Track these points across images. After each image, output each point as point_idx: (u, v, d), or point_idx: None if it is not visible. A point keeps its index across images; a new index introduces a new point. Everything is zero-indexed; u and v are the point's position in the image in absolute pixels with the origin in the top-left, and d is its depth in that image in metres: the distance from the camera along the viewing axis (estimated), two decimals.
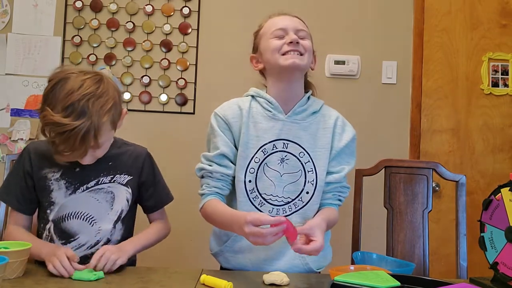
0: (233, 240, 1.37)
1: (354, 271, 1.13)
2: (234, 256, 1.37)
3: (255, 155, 1.35)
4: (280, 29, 1.36)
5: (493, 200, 1.19)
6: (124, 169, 1.39)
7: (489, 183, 2.35)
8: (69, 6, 2.39)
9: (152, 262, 1.50)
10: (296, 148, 1.36)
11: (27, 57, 2.38)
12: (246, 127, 1.36)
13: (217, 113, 1.40)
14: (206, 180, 1.37)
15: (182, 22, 2.39)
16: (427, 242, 1.64)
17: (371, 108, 2.40)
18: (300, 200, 1.36)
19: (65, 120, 1.16)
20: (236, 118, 1.37)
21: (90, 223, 1.34)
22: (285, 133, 1.36)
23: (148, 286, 1.11)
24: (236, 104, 1.41)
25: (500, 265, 1.15)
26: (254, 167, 1.35)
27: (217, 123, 1.39)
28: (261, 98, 1.40)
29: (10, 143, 2.35)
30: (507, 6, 2.41)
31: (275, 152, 1.35)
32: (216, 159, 1.35)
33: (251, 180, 1.34)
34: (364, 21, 2.41)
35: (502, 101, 2.39)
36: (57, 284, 1.10)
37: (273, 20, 1.41)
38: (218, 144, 1.36)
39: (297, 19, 1.41)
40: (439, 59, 2.40)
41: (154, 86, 2.39)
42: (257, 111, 1.39)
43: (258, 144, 1.35)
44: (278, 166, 1.35)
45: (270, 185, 1.35)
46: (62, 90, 1.19)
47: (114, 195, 1.37)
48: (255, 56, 1.44)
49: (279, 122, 1.37)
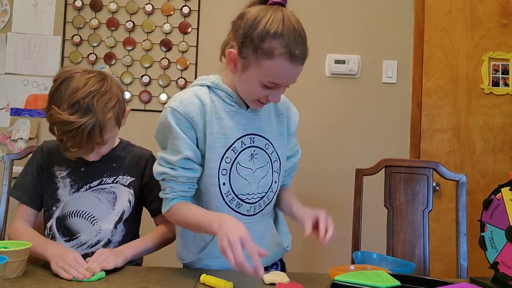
0: (213, 246, 1.26)
1: (354, 270, 1.13)
2: (215, 260, 1.28)
3: (225, 154, 1.24)
4: (275, 84, 1.18)
5: (493, 199, 1.19)
6: (127, 170, 1.40)
7: (490, 182, 2.35)
8: (69, 5, 2.38)
9: (152, 262, 1.50)
10: (262, 140, 1.30)
11: (27, 57, 2.37)
12: (211, 126, 1.22)
13: (176, 108, 1.21)
14: (169, 183, 1.24)
15: (182, 22, 2.39)
16: (428, 241, 1.64)
17: (371, 107, 2.39)
18: (271, 191, 1.33)
19: (71, 117, 1.19)
20: (200, 115, 1.22)
21: (91, 222, 1.35)
22: (250, 128, 1.28)
23: (148, 286, 1.11)
24: (196, 97, 1.23)
25: (500, 264, 1.15)
26: (226, 168, 1.25)
27: (176, 121, 1.21)
28: (220, 90, 1.26)
29: (10, 143, 2.35)
30: (508, 6, 2.41)
31: (244, 149, 1.27)
32: (180, 163, 1.22)
33: (225, 182, 1.25)
34: (365, 20, 2.41)
35: (503, 101, 2.39)
36: (57, 284, 1.10)
37: (279, 65, 1.15)
38: (180, 147, 1.21)
39: (301, 69, 1.19)
40: (440, 58, 2.40)
41: (154, 86, 2.39)
42: (219, 106, 1.25)
43: (227, 143, 1.24)
44: (250, 163, 1.27)
45: (245, 185, 1.27)
46: (68, 88, 1.23)
47: (116, 195, 1.38)
48: (236, 60, 1.20)
49: (243, 117, 1.27)
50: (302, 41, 1.16)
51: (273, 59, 1.13)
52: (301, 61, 1.17)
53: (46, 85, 2.36)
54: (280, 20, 1.14)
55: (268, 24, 1.13)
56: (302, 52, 1.15)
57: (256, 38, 1.14)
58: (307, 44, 1.18)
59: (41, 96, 2.37)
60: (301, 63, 1.17)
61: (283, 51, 1.13)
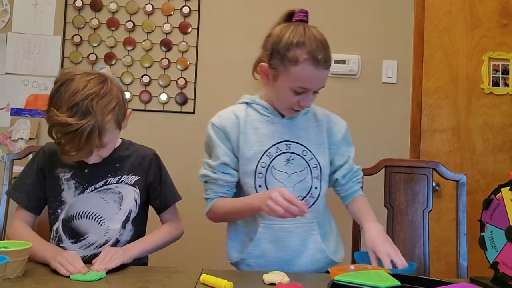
0: (254, 245, 1.37)
1: (354, 270, 1.13)
2: (256, 261, 1.38)
3: (261, 159, 1.37)
4: (303, 88, 1.30)
5: (493, 199, 1.19)
6: (131, 169, 1.41)
7: (490, 182, 2.35)
8: (69, 5, 2.38)
9: (152, 262, 1.50)
10: (298, 147, 1.40)
11: (27, 57, 2.37)
12: (245, 135, 1.38)
13: (214, 123, 1.41)
14: (211, 186, 1.40)
15: (182, 22, 2.39)
16: (427, 241, 1.64)
17: (371, 107, 2.39)
18: (311, 196, 1.40)
19: (70, 120, 1.18)
20: (234, 128, 1.39)
21: (98, 223, 1.35)
22: (286, 135, 1.40)
23: (148, 286, 1.11)
24: (232, 113, 1.42)
25: (500, 264, 1.15)
26: (261, 172, 1.37)
27: (215, 133, 1.40)
28: (256, 104, 1.42)
29: (10, 143, 2.35)
30: (508, 6, 2.41)
31: (280, 154, 1.38)
32: (220, 168, 1.38)
33: (261, 184, 1.37)
34: (365, 20, 2.41)
35: (503, 101, 2.39)
36: (57, 284, 1.10)
37: (304, 70, 1.27)
38: (218, 154, 1.38)
39: (327, 74, 1.32)
40: (440, 58, 2.40)
41: (154, 86, 2.39)
42: (254, 118, 1.41)
43: (262, 149, 1.37)
44: (285, 167, 1.38)
45: (280, 187, 1.34)
46: (67, 90, 1.22)
47: (122, 195, 1.38)
48: (267, 72, 1.35)
49: (278, 125, 1.40)
50: (323, 47, 1.29)
51: (298, 65, 1.28)
52: (325, 66, 1.29)
53: (46, 85, 2.37)
54: (301, 32, 1.30)
55: (291, 36, 1.29)
56: (324, 56, 1.28)
57: (282, 49, 1.29)
58: (329, 51, 1.31)
59: (41, 96, 2.37)
60: (325, 68, 1.30)
61: (306, 56, 1.27)
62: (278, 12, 1.35)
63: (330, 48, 1.32)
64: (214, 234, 2.38)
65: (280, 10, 1.37)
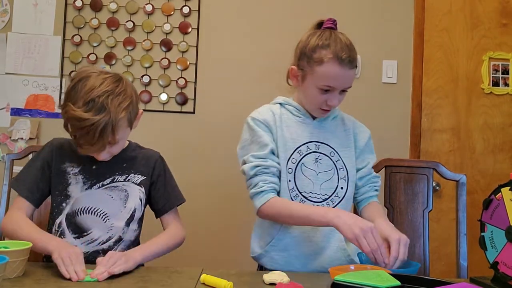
0: (278, 239, 1.41)
1: (354, 270, 1.13)
2: (279, 254, 1.41)
3: (292, 155, 1.42)
4: (329, 86, 1.37)
5: (493, 199, 1.19)
6: (137, 169, 1.43)
7: (490, 182, 2.35)
8: (69, 5, 2.38)
9: (152, 262, 1.50)
10: (327, 148, 1.46)
11: (27, 57, 2.37)
12: (281, 130, 1.43)
13: (255, 117, 1.45)
14: (262, 177, 1.38)
15: (182, 21, 2.39)
16: (428, 241, 1.64)
17: (371, 107, 2.39)
18: (336, 196, 1.44)
19: (85, 115, 1.22)
20: (273, 122, 1.44)
21: (103, 219, 1.36)
22: (315, 136, 1.46)
23: (148, 286, 1.11)
24: (269, 109, 1.48)
25: (500, 264, 1.15)
26: (291, 167, 1.41)
27: (257, 125, 1.43)
28: (290, 105, 1.49)
29: (10, 143, 2.35)
30: (508, 6, 2.41)
31: (309, 153, 1.43)
32: (270, 155, 1.40)
33: (291, 179, 1.40)
34: (364, 20, 2.41)
35: (503, 101, 2.39)
36: (57, 284, 1.10)
37: (329, 69, 1.35)
38: (266, 141, 1.40)
39: (352, 73, 1.39)
40: (440, 58, 2.40)
41: (154, 86, 2.39)
42: (287, 117, 1.47)
43: (294, 146, 1.42)
44: (313, 166, 1.43)
45: (308, 183, 1.41)
46: (84, 87, 1.26)
47: (128, 193, 1.40)
48: (297, 73, 1.43)
49: (309, 126, 1.46)
50: (348, 48, 1.37)
51: (323, 64, 1.36)
52: (350, 65, 1.36)
53: (46, 85, 2.37)
54: (327, 35, 1.39)
55: (317, 40, 1.38)
56: (349, 56, 1.35)
57: (309, 51, 1.38)
58: (355, 53, 1.39)
59: (41, 96, 2.37)
60: (350, 67, 1.36)
61: (331, 56, 1.35)
62: (278, 12, 1.35)
63: (356, 52, 1.40)
64: (214, 235, 2.39)
65: (280, 10, 1.37)
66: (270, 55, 2.38)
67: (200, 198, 2.29)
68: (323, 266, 1.39)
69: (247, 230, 1.69)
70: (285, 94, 1.52)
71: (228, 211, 2.34)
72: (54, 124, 2.34)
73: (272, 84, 2.38)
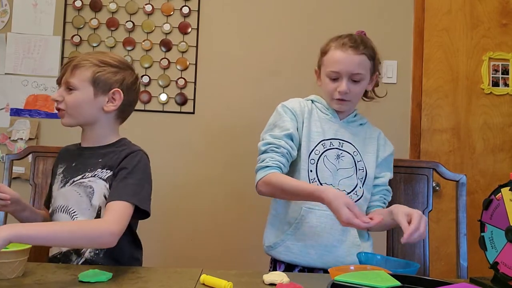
0: (295, 228, 1.43)
1: (354, 270, 1.13)
2: (295, 243, 1.43)
3: (316, 147, 1.47)
4: (334, 72, 1.44)
5: (493, 199, 1.19)
6: (107, 164, 1.33)
7: (490, 182, 2.34)
8: (68, 5, 2.38)
9: (153, 262, 1.50)
10: (351, 147, 1.49)
11: (27, 57, 2.37)
12: (308, 122, 1.49)
13: (285, 104, 1.52)
14: (270, 154, 1.43)
15: (182, 22, 2.39)
16: (428, 241, 1.64)
17: (371, 107, 2.39)
18: (355, 194, 1.46)
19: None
20: (300, 112, 1.50)
21: (72, 218, 1.32)
22: (341, 134, 1.50)
23: (148, 286, 1.11)
24: (300, 102, 1.54)
25: (500, 265, 1.15)
26: (314, 158, 1.45)
27: (285, 112, 1.50)
28: (320, 104, 1.55)
29: (9, 143, 2.35)
30: (508, 6, 2.41)
31: (332, 148, 1.48)
32: (285, 138, 1.44)
33: (312, 170, 1.44)
34: (364, 20, 2.41)
35: (503, 101, 2.39)
36: (57, 284, 1.09)
37: (333, 54, 1.46)
38: (288, 125, 1.46)
39: (356, 59, 1.43)
40: (440, 58, 2.40)
41: (153, 86, 2.39)
42: (317, 113, 1.53)
43: (319, 138, 1.48)
44: (335, 161, 1.47)
45: (329, 175, 1.45)
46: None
47: (93, 189, 1.32)
48: (317, 72, 1.55)
49: (336, 124, 1.52)
50: (355, 38, 1.45)
51: (328, 52, 1.47)
52: (352, 50, 1.42)
53: (46, 85, 2.37)
54: (345, 35, 1.48)
55: (333, 38, 1.49)
56: (351, 41, 1.43)
57: (323, 48, 1.51)
58: (361, 43, 1.44)
59: (41, 96, 2.37)
60: (354, 52, 1.42)
61: (335, 44, 1.46)
62: (278, 13, 1.35)
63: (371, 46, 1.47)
64: (214, 235, 2.39)
65: (280, 10, 1.38)
66: (270, 56, 2.39)
67: (200, 198, 2.29)
68: (337, 261, 1.39)
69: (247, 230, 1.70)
70: (288, 94, 1.57)
71: (228, 211, 2.34)
72: (53, 125, 2.34)
73: (272, 84, 2.39)
